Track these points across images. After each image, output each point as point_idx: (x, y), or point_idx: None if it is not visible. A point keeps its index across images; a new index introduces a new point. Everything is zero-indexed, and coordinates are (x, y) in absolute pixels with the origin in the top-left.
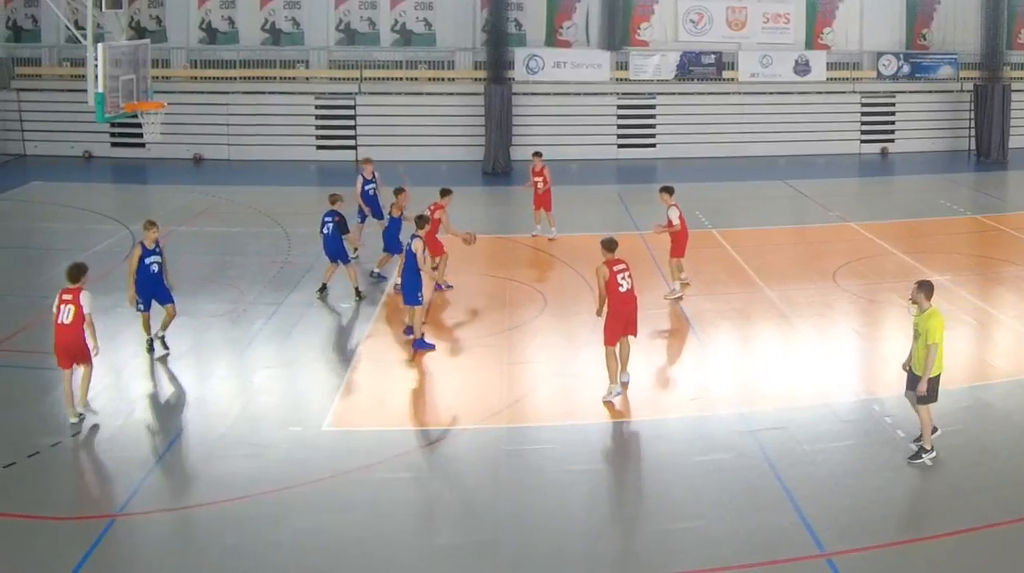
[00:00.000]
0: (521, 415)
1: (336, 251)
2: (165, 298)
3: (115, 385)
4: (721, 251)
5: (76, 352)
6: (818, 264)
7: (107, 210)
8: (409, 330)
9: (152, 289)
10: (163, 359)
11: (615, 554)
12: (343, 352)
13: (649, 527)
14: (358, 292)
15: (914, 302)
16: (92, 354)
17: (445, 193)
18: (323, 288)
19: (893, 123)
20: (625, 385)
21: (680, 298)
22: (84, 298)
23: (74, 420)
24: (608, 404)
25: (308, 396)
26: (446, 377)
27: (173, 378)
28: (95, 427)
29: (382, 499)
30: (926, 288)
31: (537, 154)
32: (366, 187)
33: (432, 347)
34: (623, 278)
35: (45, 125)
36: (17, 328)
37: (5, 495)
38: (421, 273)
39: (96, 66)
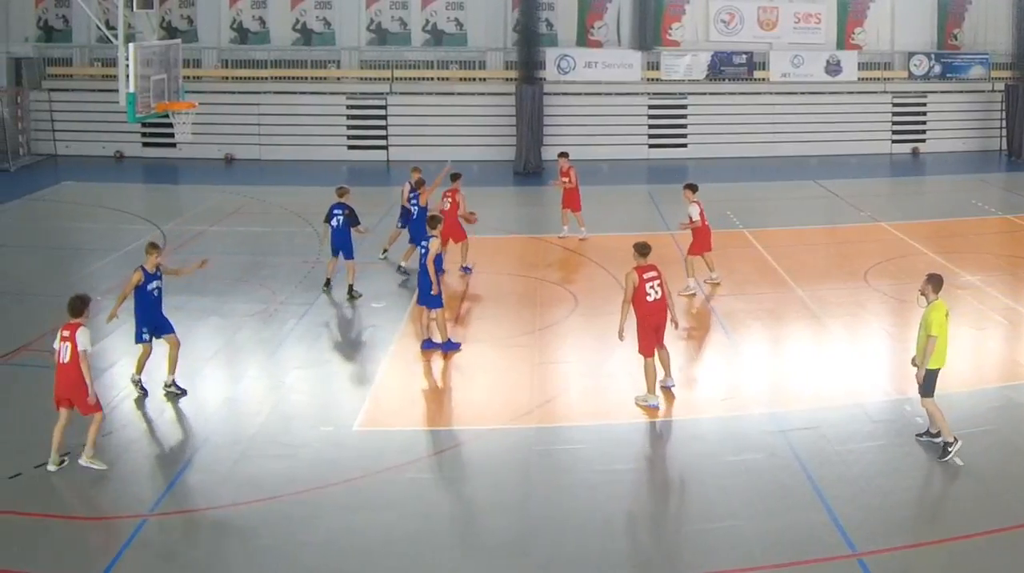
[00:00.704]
0: (552, 415)
1: (342, 244)
2: (166, 327)
3: (146, 384)
4: (752, 251)
5: (73, 394)
6: (849, 264)
7: (138, 210)
8: (428, 343)
9: (152, 317)
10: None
11: (646, 554)
12: (375, 352)
13: (680, 527)
14: (351, 290)
15: (922, 294)
16: (88, 399)
17: (456, 177)
18: (328, 282)
19: (924, 123)
20: (668, 389)
21: (693, 295)
22: (80, 335)
23: (52, 468)
24: (651, 411)
25: (339, 396)
26: (477, 377)
27: (205, 377)
28: (127, 426)
29: (413, 499)
30: (934, 281)
31: (563, 154)
32: (412, 195)
33: (457, 347)
34: (652, 287)
35: (76, 125)
36: (47, 328)
37: (35, 495)
38: (433, 274)
39: (127, 66)
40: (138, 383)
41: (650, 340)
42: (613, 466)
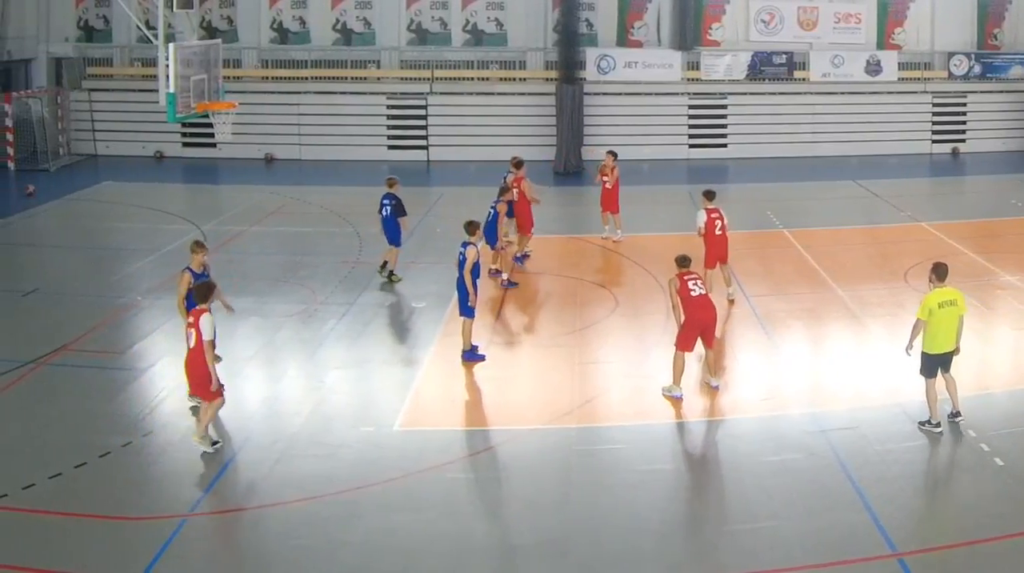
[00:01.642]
0: (592, 415)
1: (390, 232)
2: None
3: (185, 385)
4: (792, 251)
5: (197, 381)
6: (889, 264)
7: (178, 210)
8: (471, 354)
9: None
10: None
11: (686, 554)
12: (415, 352)
13: (720, 527)
14: (392, 274)
15: (929, 282)
16: (209, 386)
17: (519, 164)
18: (384, 265)
19: (964, 123)
20: (715, 390)
21: (732, 300)
22: (203, 322)
23: (208, 449)
24: (676, 402)
25: (379, 396)
26: (517, 377)
27: (244, 378)
28: (166, 426)
29: (453, 499)
30: (938, 269)
31: (611, 153)
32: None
33: (482, 358)
34: (694, 284)
35: (116, 125)
36: (87, 328)
37: (76, 495)
38: (471, 283)
39: (167, 66)
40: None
41: (692, 337)
42: (653, 466)
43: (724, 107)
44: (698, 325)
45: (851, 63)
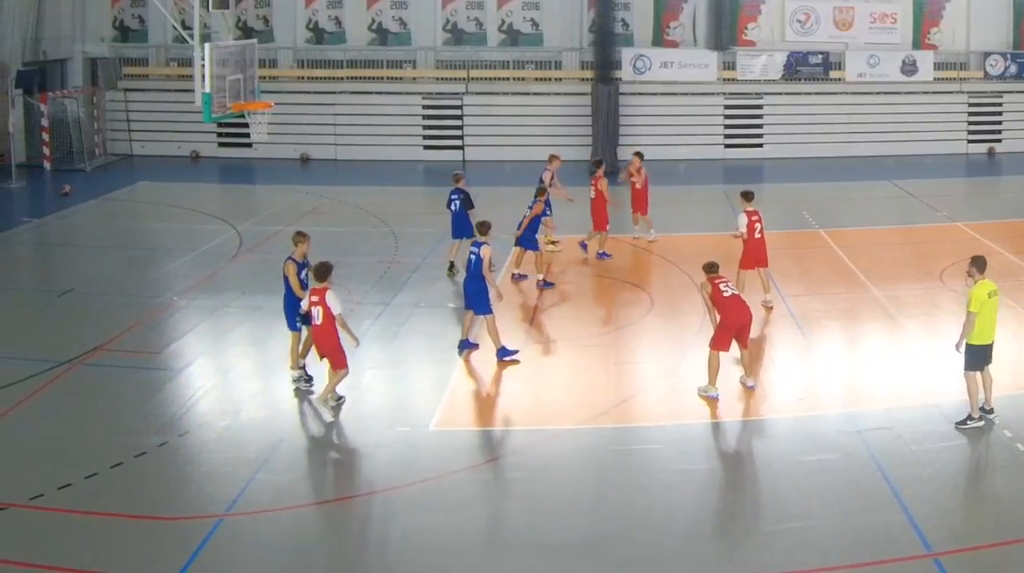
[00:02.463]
0: (628, 415)
1: (461, 226)
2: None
3: (222, 385)
4: (828, 251)
5: (328, 352)
6: (925, 264)
7: (214, 210)
8: (504, 351)
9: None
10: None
11: (722, 554)
12: (451, 352)
13: (756, 527)
14: (452, 266)
15: (968, 275)
16: (353, 346)
17: (599, 164)
18: (451, 266)
19: (1000, 123)
20: (751, 390)
21: (771, 307)
22: (330, 298)
23: (294, 373)
24: (712, 402)
25: (415, 396)
26: (553, 377)
27: (281, 378)
28: (202, 426)
29: (489, 499)
30: (976, 262)
31: (637, 154)
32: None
33: (515, 353)
34: (725, 286)
35: (152, 125)
36: (123, 328)
37: (112, 495)
38: (491, 279)
39: (203, 66)
40: (303, 371)
41: (727, 337)
42: (689, 466)
43: (760, 107)
44: (733, 325)
45: (887, 63)
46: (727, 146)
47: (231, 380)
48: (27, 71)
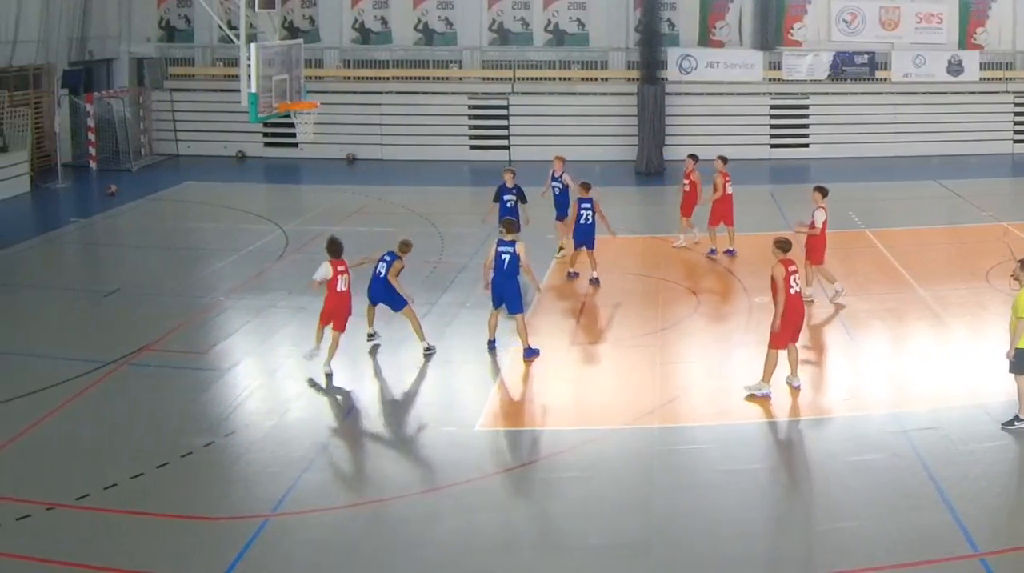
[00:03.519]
0: (674, 415)
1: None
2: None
3: (269, 384)
4: (874, 251)
5: (344, 316)
6: (971, 264)
7: (260, 210)
8: (530, 351)
9: (385, 295)
10: (312, 358)
11: (768, 554)
12: (496, 352)
13: (802, 527)
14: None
15: (1014, 278)
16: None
17: (725, 161)
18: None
19: None
20: (797, 389)
21: (811, 302)
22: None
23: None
24: (763, 400)
25: (461, 396)
26: (599, 377)
27: (326, 378)
28: (249, 426)
29: (534, 499)
30: None
31: (691, 156)
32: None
33: (537, 353)
34: (795, 279)
35: (198, 125)
36: (169, 328)
37: (158, 495)
38: (530, 276)
39: (249, 66)
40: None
41: (787, 335)
42: (735, 466)
43: (806, 107)
44: (794, 323)
45: (933, 63)
46: (773, 146)
47: (277, 380)
48: (73, 71)
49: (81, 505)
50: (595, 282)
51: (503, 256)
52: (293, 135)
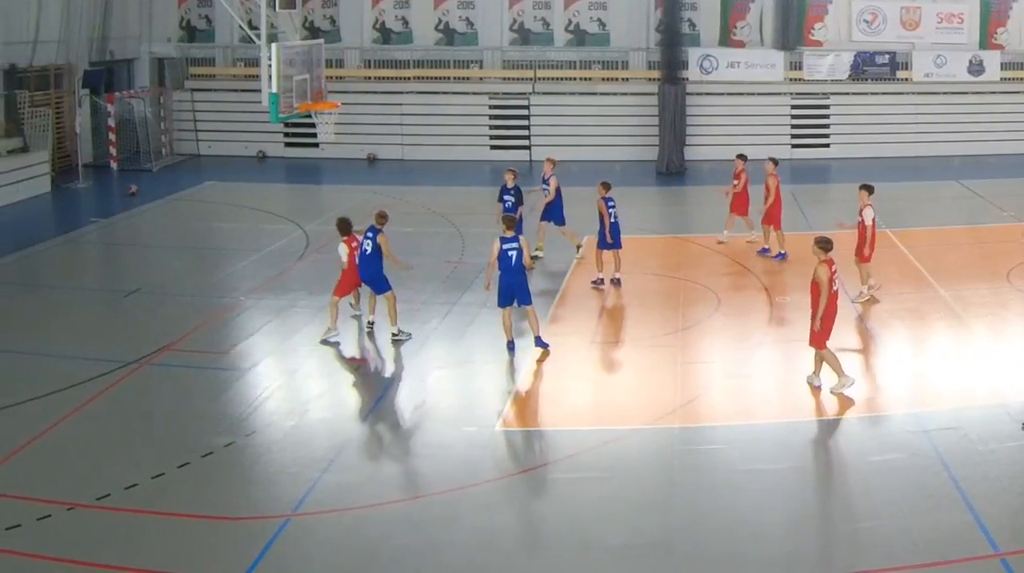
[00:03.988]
0: (695, 415)
1: (553, 213)
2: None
3: (289, 385)
4: (895, 251)
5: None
6: (992, 264)
7: (281, 210)
8: (541, 341)
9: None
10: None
11: (789, 554)
12: (516, 352)
13: (823, 527)
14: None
15: None
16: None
17: (775, 162)
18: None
19: None
20: (818, 389)
21: (868, 300)
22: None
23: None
24: (816, 391)
25: (481, 396)
26: (619, 377)
27: (346, 377)
28: (269, 426)
29: (555, 499)
30: None
31: (740, 156)
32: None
33: (547, 346)
34: (836, 279)
35: (219, 125)
36: (190, 328)
37: (179, 495)
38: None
39: (270, 66)
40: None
41: (830, 330)
42: (756, 466)
43: (827, 107)
44: (833, 317)
45: (954, 63)
46: (794, 146)
47: (298, 380)
48: (94, 71)
49: (102, 505)
50: (617, 283)
51: (509, 253)
52: (313, 135)
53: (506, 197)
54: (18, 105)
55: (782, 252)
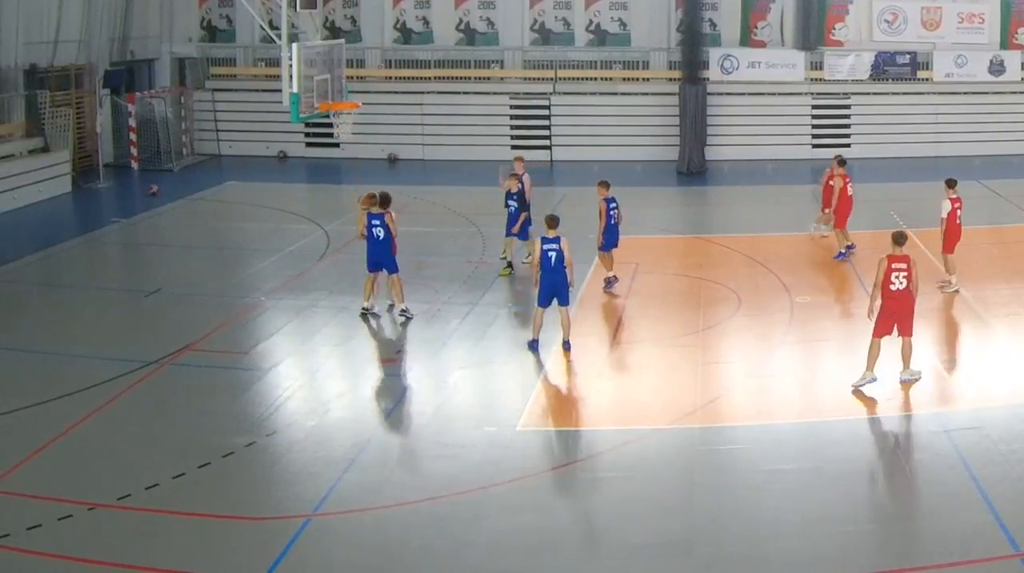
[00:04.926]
0: (716, 415)
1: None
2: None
3: (310, 384)
4: (915, 251)
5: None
6: (1013, 264)
7: (302, 210)
8: (568, 343)
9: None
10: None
11: (809, 554)
12: (538, 352)
13: (843, 527)
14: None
15: None
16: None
17: (843, 162)
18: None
19: None
20: (906, 383)
21: (957, 292)
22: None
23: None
24: (864, 395)
25: (502, 396)
26: (640, 377)
27: (368, 377)
28: (290, 426)
29: (576, 499)
30: None
31: (839, 159)
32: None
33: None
34: (897, 277)
35: (240, 125)
36: (211, 328)
37: (200, 495)
38: (571, 273)
39: (291, 66)
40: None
41: (885, 326)
42: (777, 466)
43: (847, 107)
44: (894, 316)
45: (974, 63)
46: (815, 146)
47: (319, 380)
48: (115, 71)
49: (123, 505)
50: (613, 281)
51: (549, 253)
52: (334, 135)
53: (510, 201)
54: (39, 105)
55: (842, 251)
